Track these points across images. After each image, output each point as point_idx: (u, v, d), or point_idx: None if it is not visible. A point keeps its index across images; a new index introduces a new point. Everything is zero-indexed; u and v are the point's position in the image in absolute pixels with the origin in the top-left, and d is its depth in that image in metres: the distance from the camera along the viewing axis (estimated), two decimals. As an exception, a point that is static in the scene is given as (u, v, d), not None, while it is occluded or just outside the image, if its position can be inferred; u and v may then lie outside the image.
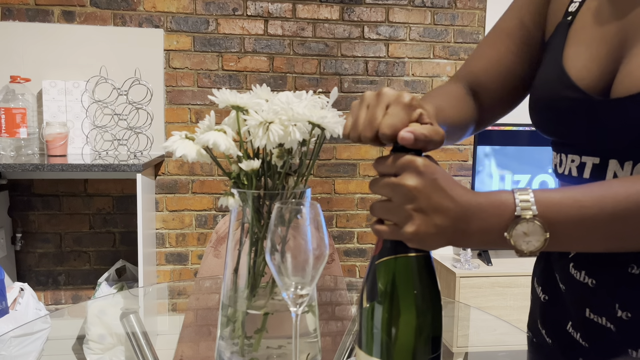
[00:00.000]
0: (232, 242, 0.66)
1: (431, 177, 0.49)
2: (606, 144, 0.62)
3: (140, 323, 1.17)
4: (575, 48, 0.67)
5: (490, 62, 0.80)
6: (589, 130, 0.63)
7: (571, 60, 0.66)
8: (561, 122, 0.66)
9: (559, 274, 0.71)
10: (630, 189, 0.51)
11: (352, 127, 0.53)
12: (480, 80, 0.81)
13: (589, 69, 0.64)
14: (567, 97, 0.64)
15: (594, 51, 0.64)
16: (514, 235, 0.50)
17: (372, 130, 0.51)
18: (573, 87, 0.64)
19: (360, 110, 0.53)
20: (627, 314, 0.60)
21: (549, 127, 0.70)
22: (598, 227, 0.51)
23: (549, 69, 0.70)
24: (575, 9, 0.69)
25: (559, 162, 0.70)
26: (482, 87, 0.80)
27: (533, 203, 0.50)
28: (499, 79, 0.80)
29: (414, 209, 0.49)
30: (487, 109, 0.81)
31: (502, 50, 0.79)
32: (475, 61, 0.82)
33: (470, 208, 0.50)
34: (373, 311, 0.50)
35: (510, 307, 2.41)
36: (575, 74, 0.65)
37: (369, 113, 0.52)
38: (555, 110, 0.67)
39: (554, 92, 0.67)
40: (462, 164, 2.77)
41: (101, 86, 2.43)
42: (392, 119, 0.50)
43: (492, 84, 0.80)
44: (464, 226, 0.50)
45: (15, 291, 2.13)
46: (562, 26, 0.70)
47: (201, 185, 2.58)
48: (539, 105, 0.70)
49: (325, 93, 2.50)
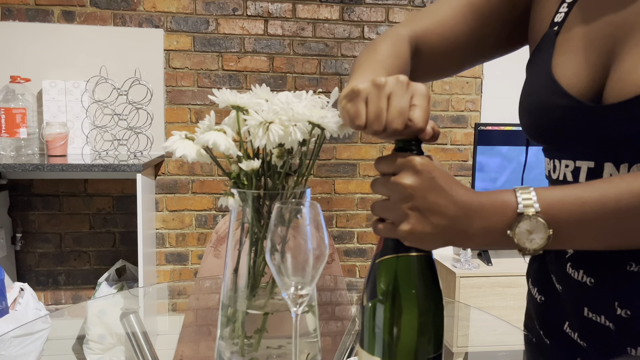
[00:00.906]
0: (232, 242, 0.66)
1: (429, 176, 0.49)
2: (600, 148, 0.61)
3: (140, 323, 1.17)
4: (564, 56, 0.66)
5: (443, 25, 0.77)
6: (583, 137, 0.62)
7: (560, 68, 0.66)
8: (554, 129, 0.66)
9: (555, 274, 0.71)
10: (633, 184, 0.51)
11: (376, 118, 0.49)
12: (428, 39, 0.77)
13: (578, 76, 0.64)
14: (559, 104, 0.64)
15: (583, 58, 0.64)
16: (517, 234, 0.50)
17: (404, 122, 0.48)
18: (564, 95, 0.64)
19: (381, 100, 0.49)
20: (626, 312, 0.60)
21: (541, 135, 0.69)
22: (601, 223, 0.51)
23: (538, 78, 0.69)
24: (562, 19, 0.69)
25: (553, 168, 0.70)
26: (427, 46, 0.77)
27: (535, 200, 0.50)
28: (444, 44, 0.77)
29: (410, 207, 0.49)
30: (420, 70, 0.78)
31: (459, 18, 0.77)
32: (429, 18, 0.78)
33: (471, 207, 0.50)
34: (375, 310, 0.50)
35: (510, 307, 2.41)
36: (566, 81, 0.64)
37: (396, 103, 0.49)
38: (547, 118, 0.66)
39: (545, 100, 0.66)
40: (462, 164, 2.77)
41: (101, 86, 2.43)
42: (423, 111, 0.49)
43: (436, 48, 0.77)
44: (465, 226, 0.50)
45: (15, 291, 2.13)
46: (549, 36, 0.70)
47: (201, 185, 2.58)
48: (531, 113, 0.70)
49: (325, 93, 2.50)
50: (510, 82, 2.64)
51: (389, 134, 0.50)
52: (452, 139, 2.75)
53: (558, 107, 0.64)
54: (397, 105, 0.49)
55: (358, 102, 0.51)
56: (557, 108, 0.65)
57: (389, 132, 0.49)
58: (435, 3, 0.80)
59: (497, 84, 2.74)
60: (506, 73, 2.71)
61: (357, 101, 0.51)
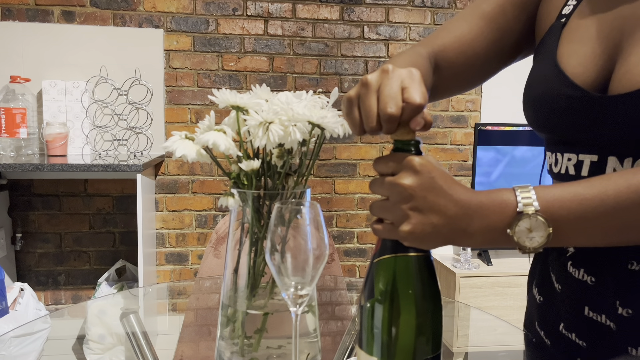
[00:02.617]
0: (232, 242, 0.66)
1: (428, 175, 0.49)
2: (605, 141, 0.61)
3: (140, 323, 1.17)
4: (569, 46, 0.66)
5: (461, 40, 0.78)
6: (588, 127, 0.62)
7: (566, 58, 0.66)
8: (559, 119, 0.66)
9: (555, 273, 0.71)
10: (631, 179, 0.51)
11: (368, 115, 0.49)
12: (447, 56, 0.78)
13: (584, 66, 0.64)
14: (565, 94, 0.64)
15: (590, 49, 0.64)
16: (517, 232, 0.50)
17: (398, 105, 0.48)
18: (570, 84, 0.64)
19: (370, 97, 0.49)
20: (627, 311, 0.60)
21: (545, 125, 0.69)
22: (601, 219, 0.51)
23: (543, 67, 0.69)
24: (570, 11, 0.69)
25: (554, 161, 0.70)
26: (447, 62, 0.78)
27: (535, 199, 0.50)
28: (463, 58, 0.78)
29: (409, 207, 0.49)
30: (442, 85, 0.79)
31: (475, 32, 0.77)
32: (446, 35, 0.79)
33: (470, 207, 0.50)
34: (373, 310, 0.50)
35: (510, 307, 2.41)
36: (571, 71, 0.64)
37: (386, 91, 0.49)
38: (552, 107, 0.66)
39: (550, 90, 0.66)
40: (462, 164, 2.77)
41: (101, 86, 2.43)
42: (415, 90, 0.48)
43: (456, 62, 0.78)
44: (464, 225, 0.50)
45: (15, 291, 2.13)
46: (556, 27, 0.70)
47: (201, 185, 2.58)
48: (535, 103, 0.70)
49: (325, 93, 2.50)
50: (510, 82, 2.64)
51: (388, 124, 0.48)
52: (452, 139, 2.75)
53: (562, 97, 0.64)
54: (387, 93, 0.48)
55: (352, 108, 0.51)
56: (561, 97, 0.64)
57: (387, 121, 0.48)
58: (451, 20, 0.81)
59: (497, 84, 2.74)
60: (506, 73, 2.70)
61: (351, 108, 0.51)
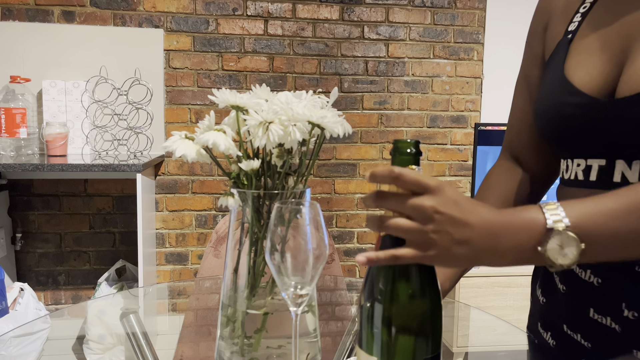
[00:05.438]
0: (232, 242, 0.66)
1: (452, 198, 0.48)
2: (612, 144, 0.61)
3: (140, 323, 1.16)
4: (577, 58, 0.67)
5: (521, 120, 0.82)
6: (596, 132, 0.62)
7: (573, 69, 0.66)
8: (567, 126, 0.66)
9: (559, 274, 0.70)
10: None
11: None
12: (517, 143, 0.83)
13: (591, 75, 0.64)
14: (572, 102, 0.64)
15: (596, 59, 0.64)
16: (548, 249, 0.49)
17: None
18: (577, 93, 0.64)
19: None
20: (633, 314, 0.60)
21: (554, 134, 0.69)
22: (630, 232, 0.51)
23: (551, 81, 0.69)
24: (575, 27, 0.70)
25: (565, 168, 0.70)
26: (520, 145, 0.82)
27: (564, 215, 0.49)
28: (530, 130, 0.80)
29: (434, 230, 0.48)
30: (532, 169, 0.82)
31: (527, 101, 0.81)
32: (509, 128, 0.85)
33: (496, 225, 0.49)
34: (373, 310, 0.50)
35: (510, 307, 2.41)
36: (578, 81, 0.65)
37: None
38: (560, 117, 0.66)
39: (557, 101, 0.67)
40: (462, 164, 2.77)
41: (101, 86, 2.43)
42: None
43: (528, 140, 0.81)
44: (493, 244, 0.49)
45: (15, 291, 2.13)
46: (563, 43, 0.70)
47: (201, 185, 2.58)
48: (544, 116, 0.70)
49: (325, 93, 2.50)
50: (510, 82, 2.64)
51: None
52: (452, 139, 2.75)
53: (569, 105, 0.65)
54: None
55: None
56: (569, 106, 0.65)
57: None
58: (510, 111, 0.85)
59: (497, 84, 2.74)
60: (506, 73, 2.71)
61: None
